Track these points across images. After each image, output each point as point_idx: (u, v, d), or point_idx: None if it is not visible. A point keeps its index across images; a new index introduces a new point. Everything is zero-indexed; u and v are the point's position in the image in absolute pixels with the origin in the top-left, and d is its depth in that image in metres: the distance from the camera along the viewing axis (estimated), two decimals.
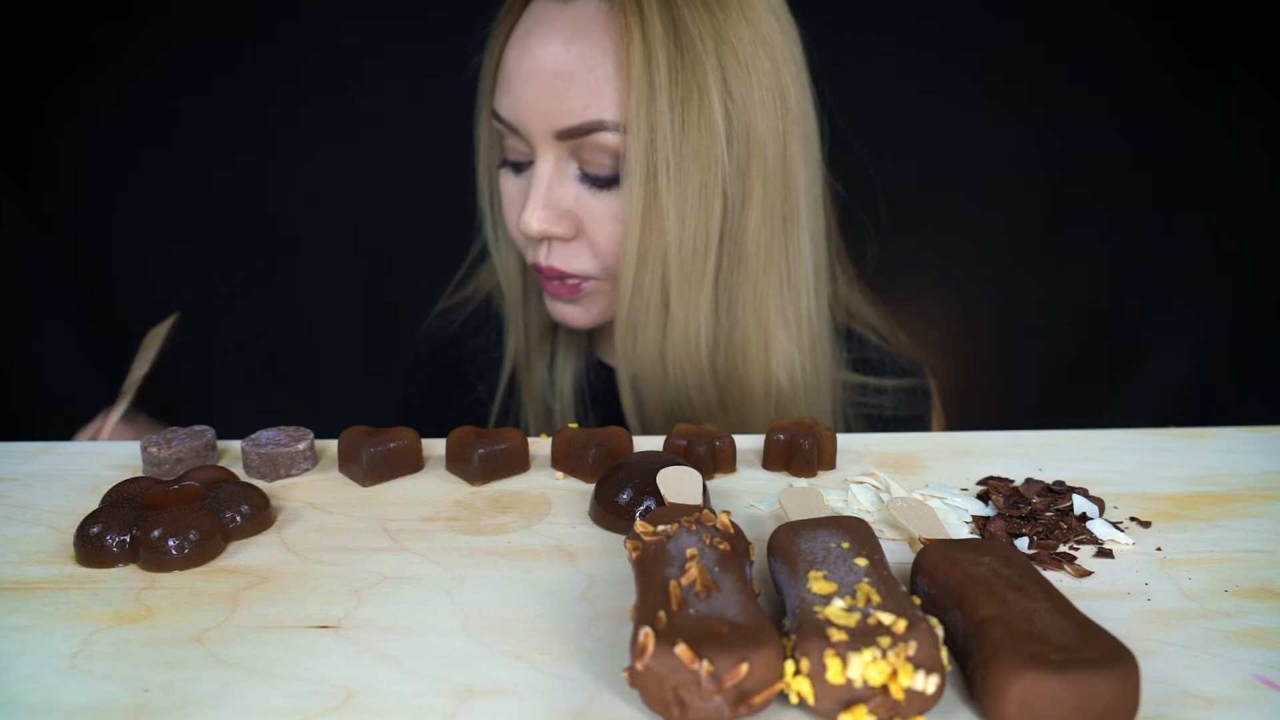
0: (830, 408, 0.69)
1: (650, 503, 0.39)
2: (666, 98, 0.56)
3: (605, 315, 0.67)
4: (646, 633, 0.26)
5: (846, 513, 0.42)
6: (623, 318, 0.62)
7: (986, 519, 0.41)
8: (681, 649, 0.25)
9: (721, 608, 0.28)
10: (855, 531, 0.33)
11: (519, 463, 0.47)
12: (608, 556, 0.37)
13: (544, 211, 0.60)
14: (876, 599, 0.28)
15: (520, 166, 0.63)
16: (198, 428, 0.48)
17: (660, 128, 0.56)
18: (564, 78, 0.57)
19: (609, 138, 0.58)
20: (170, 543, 0.36)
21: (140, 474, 0.46)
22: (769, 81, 0.59)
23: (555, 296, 0.65)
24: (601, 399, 0.75)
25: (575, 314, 0.66)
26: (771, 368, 0.65)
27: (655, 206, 0.58)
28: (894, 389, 0.74)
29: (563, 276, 0.63)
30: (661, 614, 0.27)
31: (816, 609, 0.28)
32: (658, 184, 0.58)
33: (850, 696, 0.26)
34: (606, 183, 0.60)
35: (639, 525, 0.33)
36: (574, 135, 0.58)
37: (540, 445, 0.51)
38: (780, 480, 0.46)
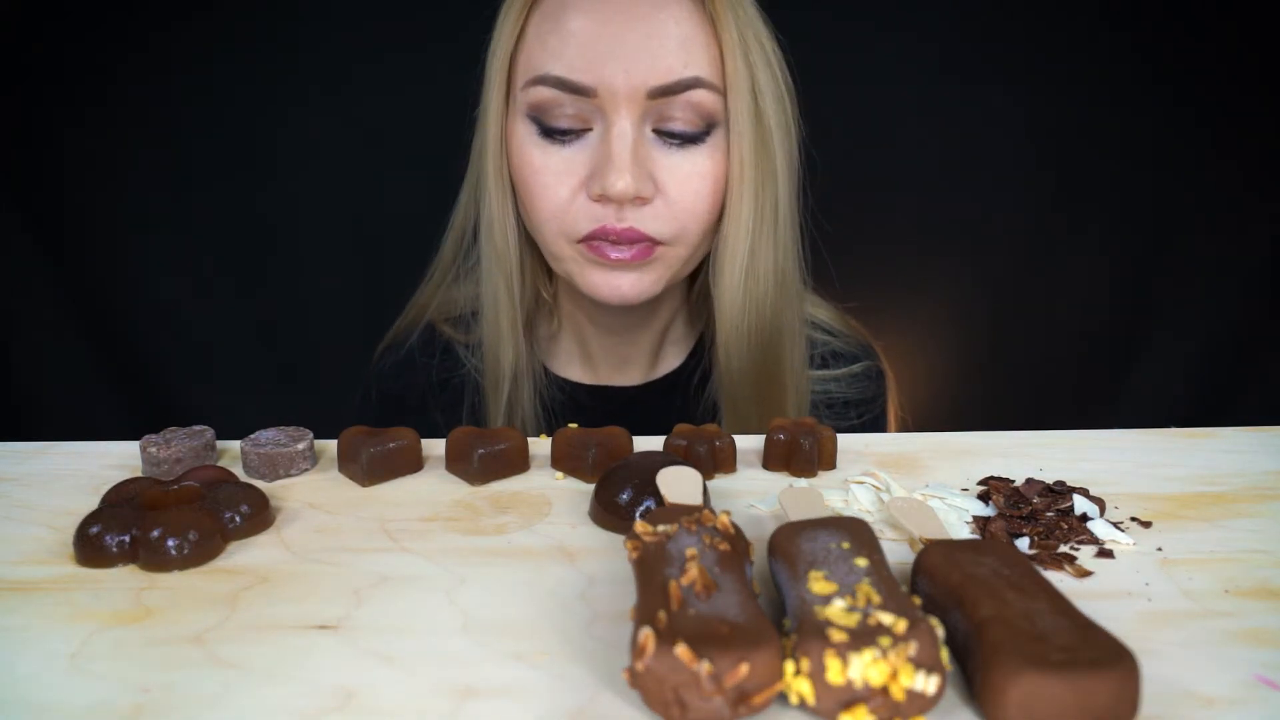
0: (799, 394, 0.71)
1: (650, 503, 0.39)
2: (759, 57, 0.60)
3: (660, 286, 0.64)
4: (646, 633, 0.26)
5: (847, 513, 0.42)
6: (739, 256, 0.63)
7: (987, 519, 0.41)
8: (681, 649, 0.25)
9: (721, 608, 0.28)
10: (855, 532, 0.33)
11: (519, 463, 0.47)
12: (608, 556, 0.37)
13: (634, 167, 0.59)
14: (877, 599, 0.28)
15: (568, 135, 0.61)
16: (197, 428, 0.48)
17: (758, 79, 0.60)
18: (658, 36, 0.58)
19: (700, 94, 0.59)
20: (170, 543, 0.36)
21: (140, 474, 0.46)
22: (783, 64, 0.64)
23: (617, 265, 0.62)
24: (562, 418, 0.74)
25: (633, 283, 0.63)
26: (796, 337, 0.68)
27: (764, 148, 0.61)
28: (846, 375, 0.75)
29: (636, 240, 0.61)
30: (661, 614, 0.27)
31: (817, 609, 0.28)
32: (768, 138, 0.61)
33: (850, 697, 0.26)
34: (687, 141, 0.60)
35: (639, 525, 0.33)
36: (669, 93, 0.59)
37: (540, 445, 0.51)
38: (780, 480, 0.46)
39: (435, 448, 0.49)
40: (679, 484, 0.38)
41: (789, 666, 0.26)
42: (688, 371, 0.76)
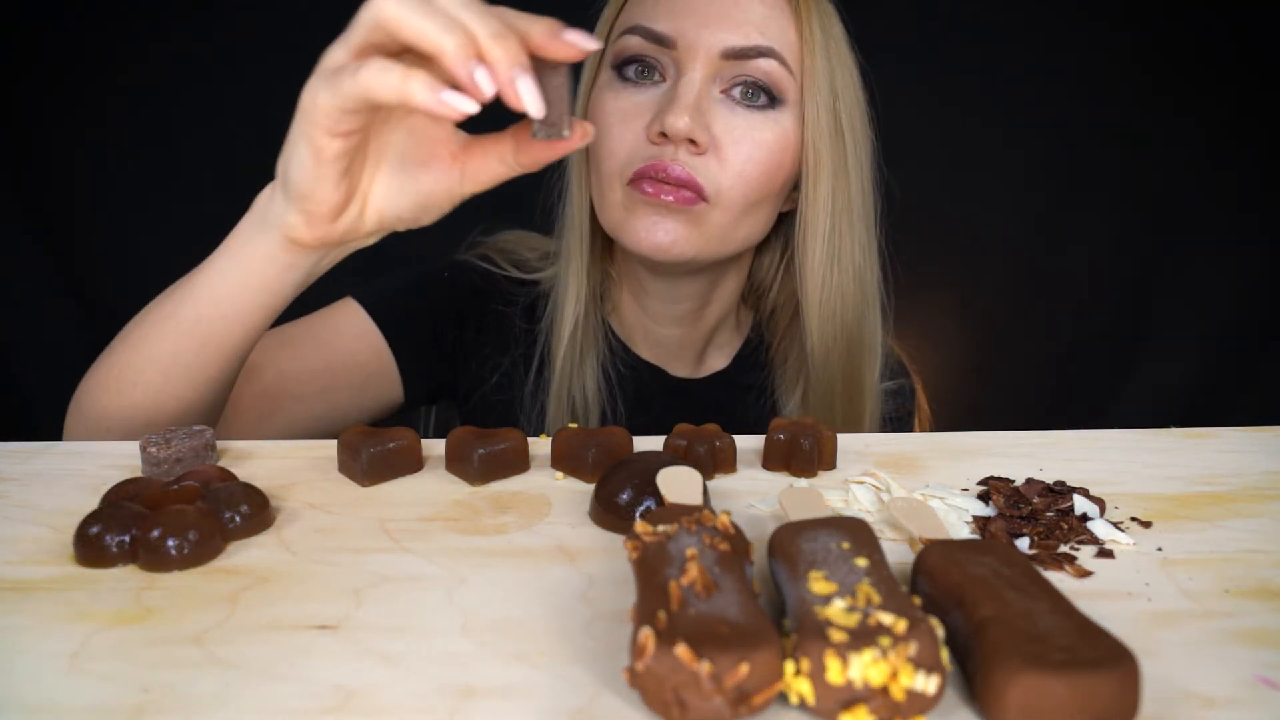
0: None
1: (650, 503, 0.39)
2: (839, 62, 0.65)
3: (694, 248, 0.64)
4: (646, 633, 0.26)
5: (847, 513, 0.42)
6: (820, 236, 0.67)
7: (987, 519, 0.41)
8: (682, 649, 0.25)
9: (721, 608, 0.28)
10: (856, 532, 0.33)
11: (519, 463, 0.47)
12: (608, 556, 0.37)
13: (694, 112, 0.62)
14: (877, 599, 0.28)
15: (641, 81, 0.65)
16: (197, 428, 0.48)
17: (836, 79, 0.65)
18: (743, 7, 0.63)
19: (771, 65, 0.63)
20: (170, 543, 0.36)
21: (139, 474, 0.46)
22: (864, 84, 0.69)
23: (658, 208, 0.62)
24: (628, 382, 0.75)
25: (669, 232, 0.63)
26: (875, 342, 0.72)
27: (838, 142, 0.65)
28: (881, 391, 0.77)
29: (684, 184, 0.62)
30: (661, 614, 0.27)
31: (817, 609, 0.28)
32: (843, 134, 0.65)
33: (850, 697, 0.26)
34: (752, 107, 0.64)
35: (639, 525, 0.33)
36: (741, 56, 0.63)
37: (540, 445, 0.51)
38: (780, 480, 0.46)
39: (435, 448, 0.49)
40: (679, 484, 0.38)
41: (789, 666, 0.26)
42: (735, 375, 0.78)
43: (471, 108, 0.38)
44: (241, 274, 0.48)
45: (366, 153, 0.44)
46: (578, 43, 0.39)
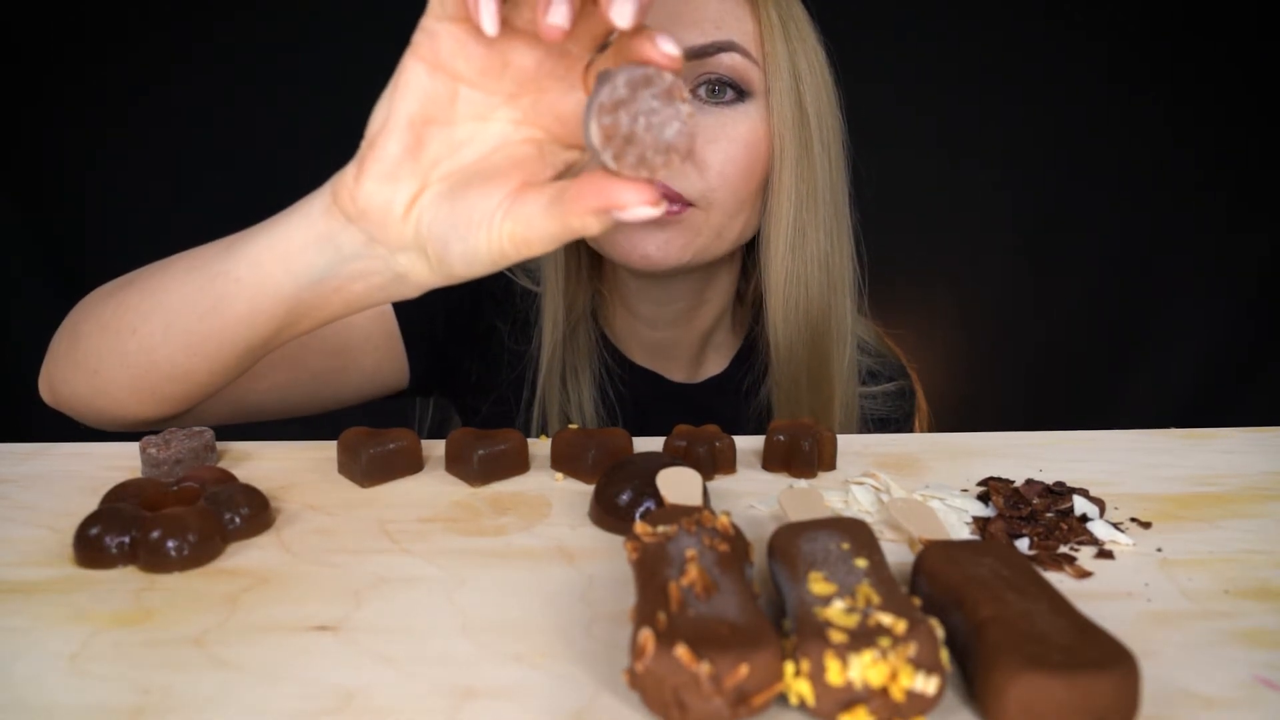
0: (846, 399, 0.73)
1: (650, 504, 0.39)
2: (800, 45, 0.64)
3: (687, 254, 0.64)
4: (646, 634, 0.26)
5: (847, 514, 0.42)
6: (783, 227, 0.66)
7: (987, 520, 0.41)
8: (681, 650, 0.25)
9: (721, 609, 0.28)
10: (855, 533, 0.33)
11: (518, 464, 0.47)
12: (607, 557, 0.37)
13: None
14: (877, 600, 0.28)
15: None
16: (197, 428, 0.48)
17: (798, 63, 0.64)
18: (697, 5, 0.62)
19: (734, 59, 0.62)
20: (169, 544, 0.36)
21: (139, 475, 0.46)
22: (828, 65, 0.67)
23: (646, 223, 0.62)
24: (625, 397, 0.74)
25: (660, 246, 0.62)
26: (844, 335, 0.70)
27: (803, 128, 0.64)
28: (880, 393, 0.77)
29: (669, 199, 0.61)
30: (661, 615, 0.27)
31: (816, 610, 0.28)
32: (807, 121, 0.64)
33: (850, 698, 0.26)
34: (721, 104, 0.63)
35: (639, 526, 0.33)
36: (702, 55, 0.62)
37: (540, 446, 0.51)
38: (780, 481, 0.46)
39: (435, 448, 0.49)
40: (679, 485, 0.38)
41: (789, 667, 0.26)
42: (734, 378, 0.77)
43: (491, 29, 0.33)
44: (274, 235, 0.44)
45: (441, 152, 0.40)
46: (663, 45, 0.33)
